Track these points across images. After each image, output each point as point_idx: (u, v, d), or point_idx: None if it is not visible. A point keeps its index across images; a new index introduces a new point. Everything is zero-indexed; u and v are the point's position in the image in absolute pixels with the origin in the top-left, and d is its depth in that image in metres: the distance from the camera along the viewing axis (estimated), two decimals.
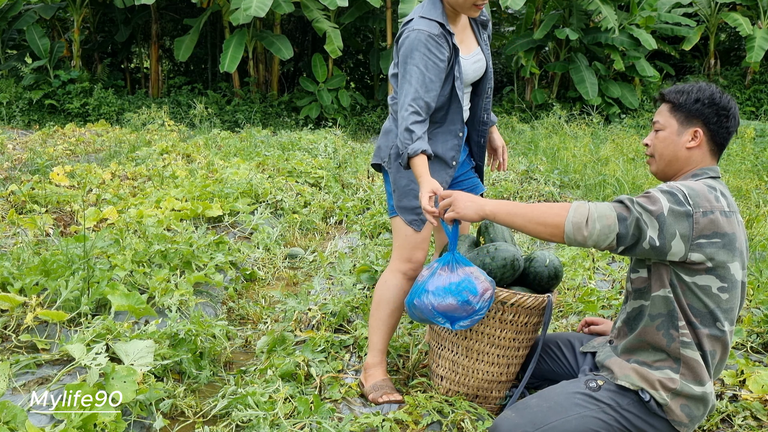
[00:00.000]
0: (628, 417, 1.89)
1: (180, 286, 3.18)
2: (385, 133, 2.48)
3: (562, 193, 6.27)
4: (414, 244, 2.40)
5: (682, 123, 1.94)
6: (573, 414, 1.89)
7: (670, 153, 1.97)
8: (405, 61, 2.22)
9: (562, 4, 13.76)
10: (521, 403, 1.99)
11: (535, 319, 2.30)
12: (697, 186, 1.83)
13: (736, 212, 1.87)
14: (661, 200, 1.79)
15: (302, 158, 7.24)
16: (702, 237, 1.79)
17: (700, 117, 1.92)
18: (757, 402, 2.34)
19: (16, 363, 2.32)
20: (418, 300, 2.13)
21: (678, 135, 1.95)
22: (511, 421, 1.92)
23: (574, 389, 1.95)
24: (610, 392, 1.92)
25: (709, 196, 1.81)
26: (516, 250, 2.34)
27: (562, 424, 1.87)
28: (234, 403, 2.28)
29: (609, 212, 1.80)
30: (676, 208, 1.78)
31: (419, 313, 2.16)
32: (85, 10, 14.28)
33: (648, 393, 1.88)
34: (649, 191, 1.84)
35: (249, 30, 13.37)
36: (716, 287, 1.83)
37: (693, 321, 1.86)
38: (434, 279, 2.12)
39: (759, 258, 3.91)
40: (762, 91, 14.07)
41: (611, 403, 1.90)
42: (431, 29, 2.21)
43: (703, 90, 1.92)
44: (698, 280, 1.83)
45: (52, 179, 5.48)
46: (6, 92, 13.21)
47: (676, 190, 1.81)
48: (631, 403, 1.90)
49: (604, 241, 1.81)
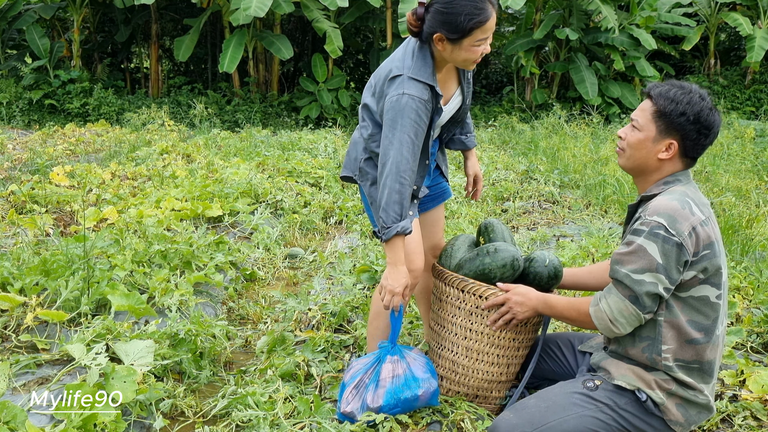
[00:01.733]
0: (626, 416, 1.90)
1: (180, 286, 3.18)
2: (353, 144, 2.37)
3: (562, 193, 6.27)
4: (410, 250, 2.29)
5: (660, 132, 1.91)
6: (571, 413, 1.89)
7: (641, 157, 1.95)
8: (393, 125, 2.07)
9: (562, 4, 13.76)
10: (519, 404, 2.00)
11: (535, 318, 2.30)
12: (672, 206, 1.82)
13: (710, 215, 1.87)
14: (648, 249, 1.80)
15: (302, 158, 7.24)
16: (694, 255, 1.80)
17: (680, 131, 1.89)
18: (757, 402, 2.34)
19: (16, 363, 2.32)
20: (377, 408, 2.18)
21: (653, 142, 1.92)
22: (510, 421, 1.93)
23: (572, 389, 1.96)
24: (607, 392, 1.93)
25: (685, 213, 1.81)
26: (516, 250, 2.34)
27: (560, 424, 1.88)
28: (234, 403, 2.28)
29: (621, 303, 1.85)
30: (664, 247, 1.79)
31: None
32: (85, 10, 14.28)
33: (644, 392, 1.89)
34: (631, 242, 1.83)
35: (249, 30, 13.37)
36: (714, 296, 1.85)
37: (695, 338, 1.86)
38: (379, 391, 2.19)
39: (759, 258, 3.91)
40: (762, 91, 14.06)
41: (609, 403, 1.90)
42: (422, 95, 2.08)
43: (693, 104, 1.87)
44: (694, 292, 1.84)
45: (52, 179, 5.48)
46: (6, 92, 13.21)
47: (656, 228, 1.80)
48: (628, 402, 1.90)
49: (639, 321, 1.86)
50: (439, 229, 2.62)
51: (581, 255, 4.03)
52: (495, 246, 2.33)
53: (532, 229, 5.08)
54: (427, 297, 2.62)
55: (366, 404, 2.17)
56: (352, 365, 2.31)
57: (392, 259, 2.15)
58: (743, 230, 4.40)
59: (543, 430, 1.89)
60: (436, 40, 2.09)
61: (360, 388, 2.22)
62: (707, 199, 1.94)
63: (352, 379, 2.24)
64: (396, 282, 2.15)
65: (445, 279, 2.32)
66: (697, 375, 1.89)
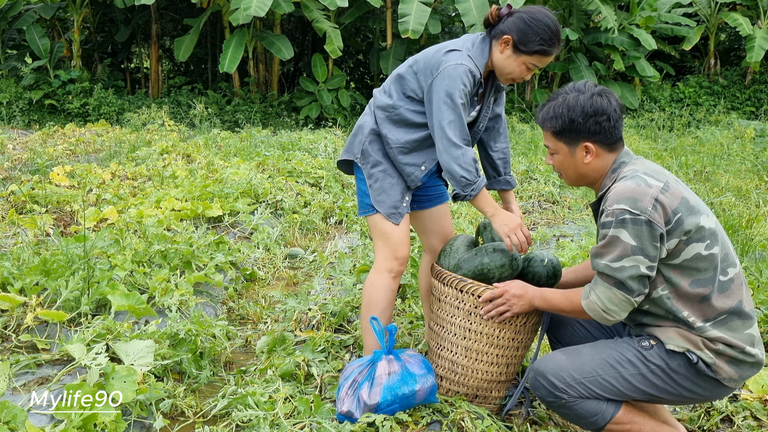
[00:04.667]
0: (677, 378, 1.89)
1: (180, 286, 3.18)
2: (359, 128, 2.44)
3: (562, 193, 6.27)
4: (398, 240, 2.37)
5: (569, 144, 1.97)
6: (622, 371, 1.91)
7: (573, 172, 2.01)
8: (450, 91, 2.18)
9: (562, 4, 13.75)
10: (573, 349, 2.01)
11: (535, 318, 2.30)
12: (628, 188, 1.83)
13: (667, 178, 1.87)
14: (621, 237, 1.81)
15: (302, 158, 7.24)
16: (666, 224, 1.81)
17: (582, 132, 1.93)
18: (757, 402, 2.34)
19: (16, 363, 2.32)
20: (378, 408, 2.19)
21: (571, 155, 1.98)
22: (560, 363, 1.95)
23: (627, 346, 1.95)
24: (660, 354, 1.91)
25: (642, 189, 1.81)
26: (515, 251, 2.34)
27: (610, 378, 1.91)
28: (234, 403, 2.28)
29: (609, 292, 1.87)
30: (634, 229, 1.79)
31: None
32: (85, 10, 14.28)
33: (695, 354, 1.87)
34: (604, 235, 1.85)
35: (249, 30, 13.37)
36: (704, 249, 1.84)
37: (705, 294, 1.85)
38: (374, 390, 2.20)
39: (759, 258, 3.91)
40: (762, 91, 14.06)
41: (661, 364, 1.90)
42: (475, 73, 2.22)
43: (572, 107, 1.91)
44: (685, 255, 1.84)
45: (52, 179, 5.48)
46: (6, 92, 13.20)
47: (620, 214, 1.81)
48: (680, 365, 1.89)
49: (631, 305, 1.88)
50: (448, 223, 2.64)
51: (581, 255, 4.03)
52: (494, 246, 2.33)
53: (532, 229, 5.08)
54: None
55: (363, 401, 2.17)
56: (347, 367, 2.33)
57: (492, 209, 2.26)
58: (743, 230, 4.40)
59: (592, 380, 1.91)
60: (503, 41, 2.23)
61: (353, 387, 2.22)
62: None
63: (346, 380, 2.25)
64: (510, 221, 2.24)
65: (443, 279, 2.32)
66: (733, 324, 1.86)
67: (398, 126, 2.33)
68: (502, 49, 2.24)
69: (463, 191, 2.23)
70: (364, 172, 2.39)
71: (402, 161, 2.35)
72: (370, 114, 2.42)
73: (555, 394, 1.93)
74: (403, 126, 2.33)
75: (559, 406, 1.96)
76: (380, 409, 2.17)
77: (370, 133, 2.38)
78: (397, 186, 2.36)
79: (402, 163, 2.35)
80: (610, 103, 1.92)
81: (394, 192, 2.36)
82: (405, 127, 2.33)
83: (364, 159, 2.39)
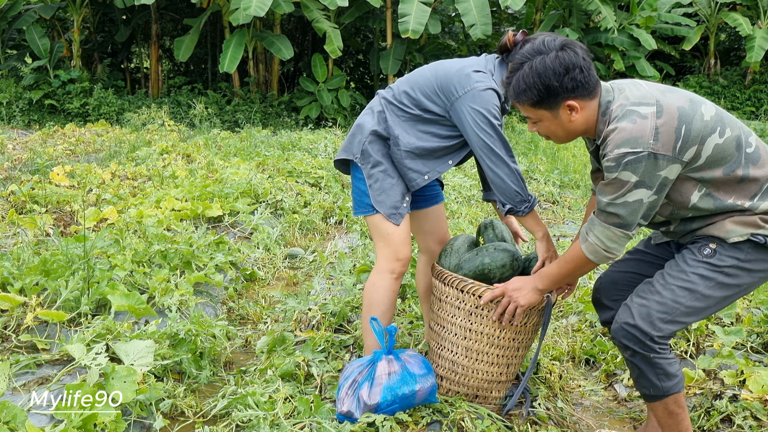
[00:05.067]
0: (752, 267, 1.87)
1: (180, 286, 3.18)
2: (358, 127, 2.41)
3: (562, 193, 6.27)
4: (399, 241, 2.37)
5: (551, 109, 1.89)
6: (702, 289, 1.88)
7: (562, 132, 1.96)
8: (486, 111, 2.18)
9: (562, 4, 13.76)
10: (643, 291, 1.96)
11: (535, 319, 2.30)
12: (624, 130, 1.77)
13: (656, 99, 1.81)
14: (623, 177, 1.78)
15: (302, 158, 7.24)
16: (674, 148, 1.77)
17: (560, 93, 1.84)
18: (757, 402, 2.34)
19: (16, 363, 2.32)
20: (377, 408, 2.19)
21: (556, 118, 1.91)
22: (641, 308, 1.91)
23: (691, 263, 1.91)
24: (725, 253, 1.87)
25: (637, 127, 1.77)
26: (515, 250, 2.34)
27: (692, 303, 1.88)
28: (234, 403, 2.28)
29: (608, 231, 1.88)
30: (636, 167, 1.76)
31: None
32: (85, 10, 14.28)
33: (759, 235, 1.84)
34: (608, 176, 1.81)
35: (249, 30, 13.37)
36: (719, 139, 1.80)
37: (741, 175, 1.82)
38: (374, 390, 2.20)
39: None
40: (762, 91, 14.07)
41: (733, 263, 1.86)
42: (501, 94, 2.23)
43: (541, 72, 1.83)
44: (705, 152, 1.80)
45: (52, 179, 5.47)
46: (6, 92, 13.20)
47: (621, 158, 1.76)
48: (749, 252, 1.85)
49: (628, 239, 1.89)
50: (443, 223, 2.66)
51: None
52: (494, 246, 2.33)
53: None
54: (431, 297, 2.63)
55: (363, 401, 2.17)
56: (347, 367, 2.32)
57: (541, 230, 2.31)
58: None
59: (678, 312, 1.88)
60: None
61: (353, 387, 2.22)
62: None
63: (346, 380, 2.25)
64: (553, 249, 2.30)
65: (444, 279, 2.32)
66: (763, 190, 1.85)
67: (413, 131, 2.32)
68: None
69: (517, 207, 2.26)
70: (363, 172, 2.38)
71: (407, 165, 2.34)
72: (371, 114, 2.40)
73: (647, 344, 1.90)
74: (418, 132, 2.32)
75: (645, 360, 1.92)
76: (380, 409, 2.17)
77: (370, 134, 2.36)
78: (397, 186, 2.36)
79: (407, 168, 2.34)
80: (577, 53, 1.84)
81: (394, 192, 2.35)
82: (419, 134, 2.32)
83: (363, 159, 2.37)
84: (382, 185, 2.35)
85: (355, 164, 2.41)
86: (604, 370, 2.85)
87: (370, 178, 2.36)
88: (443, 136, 2.31)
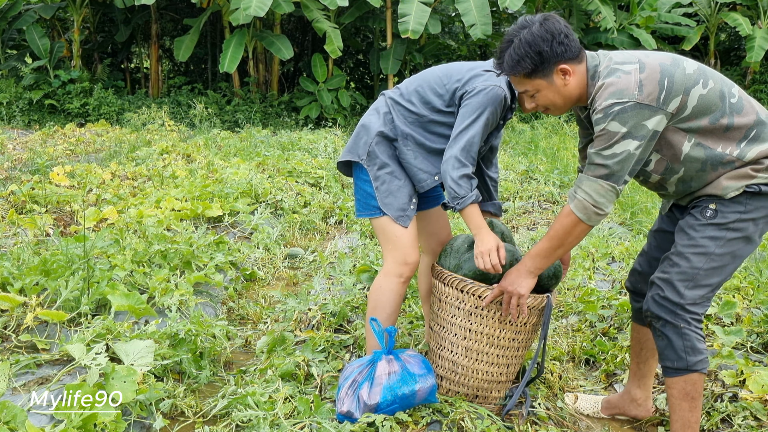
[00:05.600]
0: (754, 216, 1.94)
1: (180, 286, 3.18)
2: (364, 128, 2.39)
3: (562, 193, 6.27)
4: (407, 243, 2.35)
5: (545, 76, 1.98)
6: (715, 250, 1.94)
7: (559, 99, 2.02)
8: (479, 109, 2.20)
9: (562, 4, 13.77)
10: (664, 265, 2.02)
11: (535, 319, 2.30)
12: (611, 84, 1.87)
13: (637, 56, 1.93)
14: (611, 128, 1.86)
15: (302, 158, 7.24)
16: (660, 93, 1.85)
17: (552, 58, 1.94)
18: (757, 402, 2.34)
19: (16, 363, 2.32)
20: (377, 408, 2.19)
21: (551, 84, 2.00)
22: (664, 281, 1.98)
23: (696, 229, 1.97)
24: (726, 210, 1.94)
25: (623, 80, 1.86)
26: (516, 250, 2.34)
27: (709, 266, 1.95)
28: (234, 403, 2.28)
29: (595, 184, 1.93)
30: (623, 117, 1.84)
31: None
32: (85, 10, 14.28)
33: (753, 185, 1.92)
34: (597, 129, 1.89)
35: (249, 30, 13.36)
36: (702, 89, 1.89)
37: (726, 123, 1.90)
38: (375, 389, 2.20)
39: (759, 258, 3.91)
40: (762, 91, 14.07)
41: (736, 217, 1.94)
42: (507, 94, 2.23)
43: (531, 42, 1.92)
44: (690, 102, 1.89)
45: (52, 179, 5.48)
46: (6, 92, 13.20)
47: (609, 108, 1.85)
48: (748, 202, 1.93)
49: (616, 194, 1.94)
50: (446, 224, 2.65)
51: (581, 255, 4.04)
52: None
53: (532, 229, 5.09)
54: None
55: (363, 401, 2.17)
56: (347, 367, 2.32)
57: (475, 226, 2.25)
58: None
59: (698, 277, 1.95)
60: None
61: (353, 387, 2.22)
62: None
63: (346, 380, 2.25)
64: (486, 243, 2.23)
65: (444, 279, 2.32)
66: (763, 134, 1.92)
67: (422, 131, 2.32)
68: None
69: (451, 202, 2.25)
70: (369, 173, 2.36)
71: (418, 165, 2.33)
72: (377, 115, 2.38)
73: (677, 313, 1.96)
74: (426, 133, 2.33)
75: (676, 330, 1.97)
76: (380, 409, 2.17)
77: (377, 135, 2.34)
78: (404, 188, 2.35)
79: (417, 168, 2.33)
80: (558, 21, 1.96)
81: (401, 194, 2.34)
82: (428, 135, 2.33)
83: (370, 160, 2.35)
84: (390, 187, 2.33)
85: (359, 166, 2.38)
86: (604, 370, 2.85)
87: (377, 180, 2.34)
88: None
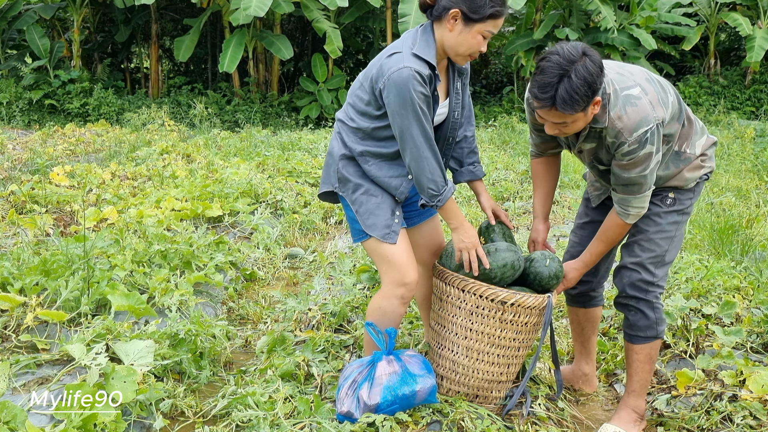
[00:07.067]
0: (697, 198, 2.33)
1: (180, 286, 3.18)
2: (329, 156, 2.29)
3: (562, 193, 6.27)
4: (402, 262, 2.22)
5: (585, 110, 1.99)
6: (678, 231, 2.28)
7: (583, 125, 2.07)
8: (402, 101, 2.03)
9: (562, 4, 13.77)
10: (632, 253, 2.29)
11: (535, 319, 2.30)
12: (633, 115, 2.01)
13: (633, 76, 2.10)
14: (646, 151, 2.04)
15: (302, 158, 7.24)
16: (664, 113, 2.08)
17: (598, 93, 1.97)
18: (756, 402, 2.34)
19: (16, 363, 2.32)
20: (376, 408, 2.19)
21: (586, 115, 2.03)
22: (639, 266, 2.27)
23: (664, 215, 2.26)
24: (683, 197, 2.28)
25: (640, 107, 2.02)
26: (517, 250, 2.34)
27: (675, 242, 2.27)
28: (234, 403, 2.28)
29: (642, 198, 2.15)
30: (652, 138, 2.03)
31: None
32: (85, 10, 14.28)
33: (704, 175, 2.28)
34: (633, 158, 2.05)
35: (249, 30, 13.37)
36: (670, 95, 2.17)
37: (684, 123, 2.22)
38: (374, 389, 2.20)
39: (759, 258, 3.91)
40: (762, 91, 14.07)
41: (690, 202, 2.29)
42: (422, 70, 2.04)
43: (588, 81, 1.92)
44: (668, 111, 2.12)
45: (52, 179, 5.48)
46: (6, 92, 13.21)
47: (641, 137, 2.02)
48: (696, 189, 2.30)
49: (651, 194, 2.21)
50: (439, 233, 2.56)
51: None
52: (495, 246, 2.32)
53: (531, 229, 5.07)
54: (429, 302, 2.60)
55: (363, 401, 2.17)
56: (347, 367, 2.32)
57: (455, 221, 2.22)
58: (743, 230, 4.40)
59: (667, 255, 2.27)
60: (449, 17, 2.05)
61: (353, 387, 2.22)
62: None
63: (346, 380, 2.25)
64: (467, 239, 2.22)
65: (445, 279, 2.32)
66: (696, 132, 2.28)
67: (371, 142, 2.21)
68: (451, 26, 2.06)
69: (429, 201, 2.16)
70: (346, 199, 2.27)
71: (386, 174, 2.22)
72: (336, 139, 2.29)
73: (650, 290, 2.27)
74: (376, 142, 2.21)
75: (649, 305, 2.28)
76: (380, 410, 2.17)
77: (341, 158, 2.25)
78: (383, 204, 2.23)
79: (387, 177, 2.22)
80: (595, 54, 1.99)
81: (382, 211, 2.22)
82: (378, 142, 2.21)
83: (343, 186, 2.26)
84: (368, 207, 2.22)
85: (338, 193, 2.29)
86: (604, 369, 2.85)
87: (354, 204, 2.25)
88: None
